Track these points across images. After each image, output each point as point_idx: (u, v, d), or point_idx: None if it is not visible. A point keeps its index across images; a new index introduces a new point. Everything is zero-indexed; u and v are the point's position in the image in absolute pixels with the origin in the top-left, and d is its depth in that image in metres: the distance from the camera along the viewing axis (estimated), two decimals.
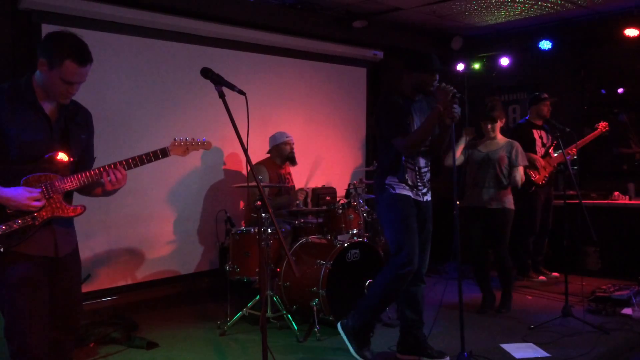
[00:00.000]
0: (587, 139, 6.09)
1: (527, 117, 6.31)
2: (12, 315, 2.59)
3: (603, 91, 7.04)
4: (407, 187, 3.79)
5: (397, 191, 3.78)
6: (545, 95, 6.21)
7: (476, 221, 5.09)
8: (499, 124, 5.14)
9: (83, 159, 2.81)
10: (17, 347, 2.59)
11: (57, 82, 2.57)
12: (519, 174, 5.06)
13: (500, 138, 5.16)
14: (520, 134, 6.13)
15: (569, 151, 5.77)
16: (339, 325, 4.00)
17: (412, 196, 3.81)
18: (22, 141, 2.55)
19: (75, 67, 2.55)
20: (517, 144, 5.12)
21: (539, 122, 6.19)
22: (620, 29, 6.44)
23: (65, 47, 2.54)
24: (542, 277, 6.22)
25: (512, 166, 5.04)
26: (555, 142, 6.12)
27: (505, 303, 5.11)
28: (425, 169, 3.89)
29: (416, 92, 3.86)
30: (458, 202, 3.72)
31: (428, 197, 3.92)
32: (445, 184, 4.25)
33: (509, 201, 5.05)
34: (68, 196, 2.74)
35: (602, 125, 6.14)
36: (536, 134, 6.14)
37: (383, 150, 3.90)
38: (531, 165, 5.98)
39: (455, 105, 3.60)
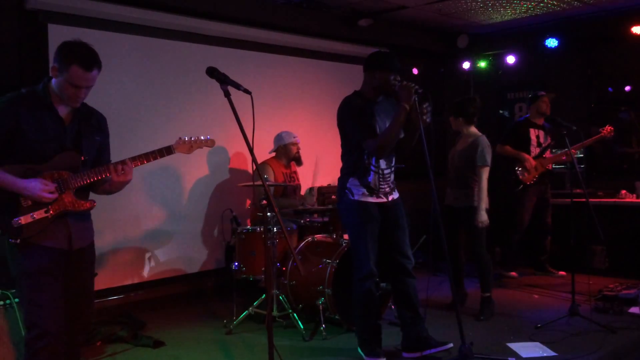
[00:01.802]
0: (586, 143, 5.95)
1: (527, 115, 6.28)
2: (30, 304, 2.76)
3: (610, 89, 7.00)
4: (367, 192, 3.79)
5: (356, 198, 3.78)
6: (543, 92, 6.17)
7: (448, 220, 4.92)
8: (460, 121, 4.94)
9: (99, 161, 2.99)
10: (34, 335, 2.74)
11: (66, 86, 2.76)
12: (484, 174, 4.79)
13: (471, 133, 4.94)
14: (516, 132, 6.13)
15: (567, 153, 5.67)
16: None
17: (373, 201, 3.80)
18: (37, 141, 2.76)
19: (81, 71, 2.73)
20: (483, 141, 4.84)
21: (539, 121, 6.15)
22: (628, 26, 6.41)
23: (72, 53, 2.74)
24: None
25: (474, 165, 4.81)
26: (552, 142, 6.10)
27: (484, 310, 4.81)
28: (388, 171, 3.88)
29: (378, 93, 3.84)
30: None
31: (394, 195, 3.93)
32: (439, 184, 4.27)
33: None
34: (81, 192, 2.90)
35: (607, 130, 5.97)
36: (533, 133, 6.10)
37: (346, 152, 3.89)
38: (520, 165, 5.99)
39: (425, 105, 3.59)
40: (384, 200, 3.85)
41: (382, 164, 3.84)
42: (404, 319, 3.96)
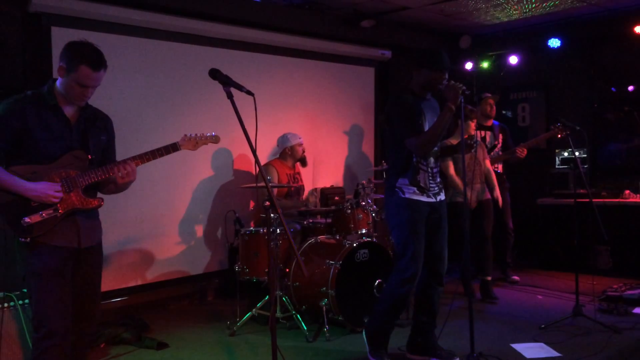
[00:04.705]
0: (533, 142, 5.95)
1: None
2: (38, 303, 2.79)
3: (613, 89, 6.98)
4: (417, 191, 3.73)
5: (407, 195, 3.72)
6: (487, 94, 6.12)
7: (470, 215, 5.30)
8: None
9: (105, 161, 3.03)
10: (43, 334, 2.78)
11: (74, 86, 2.82)
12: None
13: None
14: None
15: (518, 150, 5.77)
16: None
17: (424, 200, 3.75)
18: (44, 140, 2.81)
19: (89, 71, 2.79)
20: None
21: (486, 123, 6.06)
22: (630, 26, 6.39)
23: (81, 54, 2.80)
24: None
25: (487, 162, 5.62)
26: (497, 143, 6.02)
27: (492, 291, 5.55)
28: (437, 169, 3.86)
29: (426, 90, 3.82)
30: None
31: (442, 197, 3.88)
32: None
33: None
34: (88, 190, 2.94)
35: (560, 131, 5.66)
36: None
37: (394, 151, 3.83)
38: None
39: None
40: (433, 200, 3.80)
41: (432, 162, 3.80)
42: (419, 323, 3.92)
